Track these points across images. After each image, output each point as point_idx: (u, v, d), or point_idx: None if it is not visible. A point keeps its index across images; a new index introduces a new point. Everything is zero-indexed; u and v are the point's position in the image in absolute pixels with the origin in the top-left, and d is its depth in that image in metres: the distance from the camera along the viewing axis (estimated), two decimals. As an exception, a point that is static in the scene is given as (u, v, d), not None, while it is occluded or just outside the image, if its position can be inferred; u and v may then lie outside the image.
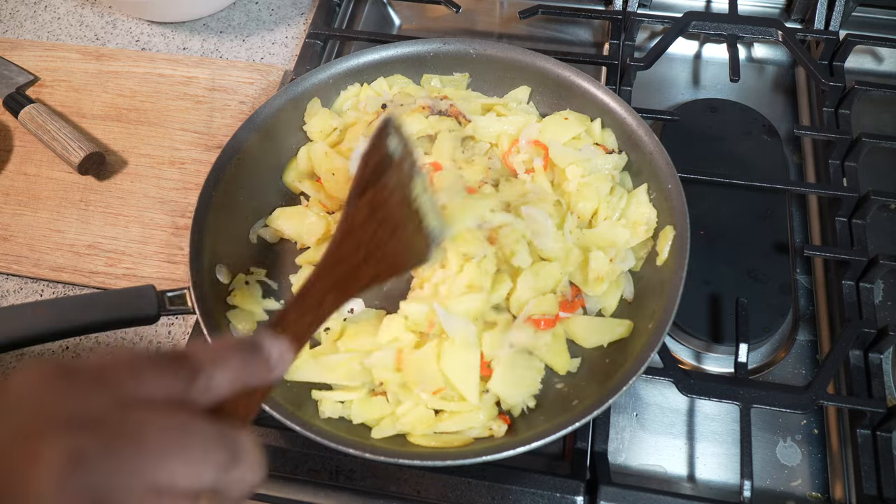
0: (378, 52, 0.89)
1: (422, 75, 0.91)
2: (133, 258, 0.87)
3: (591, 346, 0.74)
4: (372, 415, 0.69)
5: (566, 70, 0.85)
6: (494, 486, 0.67)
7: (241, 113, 0.98)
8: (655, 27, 1.08)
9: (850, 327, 0.75)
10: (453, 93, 0.88)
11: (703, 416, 0.77)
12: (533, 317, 0.73)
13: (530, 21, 1.06)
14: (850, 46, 0.97)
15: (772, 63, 1.05)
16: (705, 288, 0.82)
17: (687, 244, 0.71)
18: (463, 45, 0.88)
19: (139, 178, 0.94)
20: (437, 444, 0.68)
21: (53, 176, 0.95)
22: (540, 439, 0.62)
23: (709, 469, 0.74)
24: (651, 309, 0.71)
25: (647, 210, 0.77)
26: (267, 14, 1.13)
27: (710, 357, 0.80)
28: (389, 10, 1.15)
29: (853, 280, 0.80)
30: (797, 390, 0.72)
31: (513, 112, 0.85)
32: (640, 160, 0.80)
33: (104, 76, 1.03)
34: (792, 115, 1.00)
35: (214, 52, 1.09)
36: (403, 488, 0.68)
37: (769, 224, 0.87)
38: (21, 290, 0.87)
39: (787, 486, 0.73)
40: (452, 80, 0.90)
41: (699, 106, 0.98)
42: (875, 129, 0.94)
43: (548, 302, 0.74)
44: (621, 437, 0.76)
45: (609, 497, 0.67)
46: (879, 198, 0.82)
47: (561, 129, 0.83)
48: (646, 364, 0.65)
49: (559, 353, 0.73)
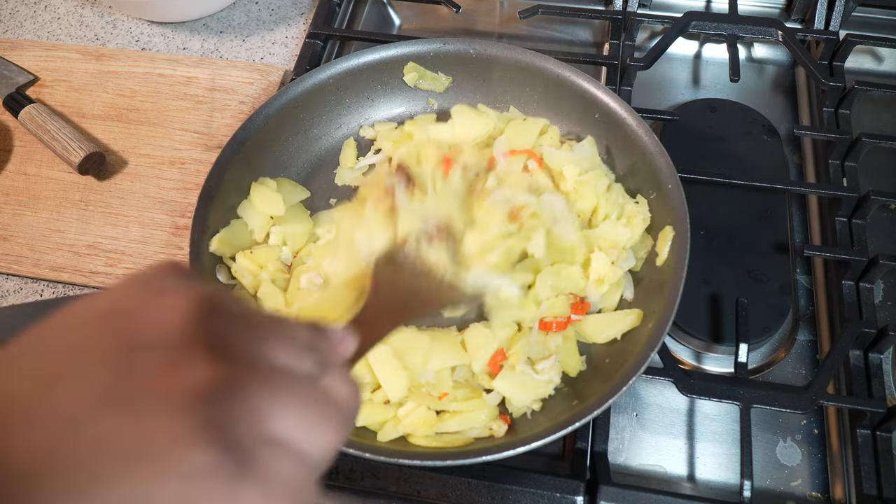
0: (378, 52, 0.89)
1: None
2: (133, 258, 0.87)
3: (605, 340, 0.73)
4: (374, 418, 0.69)
5: (566, 70, 0.85)
6: (494, 486, 0.67)
7: (241, 113, 0.98)
8: (655, 27, 1.08)
9: (850, 327, 0.75)
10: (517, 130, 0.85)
11: (703, 416, 0.77)
12: (545, 319, 0.73)
13: (530, 21, 1.06)
14: (850, 46, 0.97)
15: (772, 63, 1.05)
16: (705, 288, 0.82)
17: (687, 244, 0.71)
18: (463, 45, 0.88)
19: (139, 178, 0.94)
20: (437, 445, 0.68)
21: (53, 176, 0.95)
22: (540, 439, 0.62)
23: (709, 469, 0.74)
24: (651, 309, 0.71)
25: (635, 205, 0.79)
26: (267, 14, 1.13)
27: (710, 357, 0.80)
28: (389, 10, 1.15)
29: (853, 280, 0.80)
30: (797, 390, 0.72)
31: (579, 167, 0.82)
32: (640, 160, 0.80)
33: (104, 76, 1.03)
34: (792, 115, 1.00)
35: (214, 52, 1.09)
36: (403, 488, 0.68)
37: (769, 224, 0.87)
38: (21, 290, 0.87)
39: (787, 486, 0.73)
40: (435, 78, 0.90)
41: (699, 106, 0.98)
42: (875, 129, 0.94)
43: (561, 304, 0.74)
44: (621, 437, 0.76)
45: (609, 497, 0.67)
46: (879, 198, 0.82)
47: (524, 130, 0.84)
48: (646, 364, 0.65)
49: (571, 355, 0.73)
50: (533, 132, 0.84)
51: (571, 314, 0.74)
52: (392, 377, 0.69)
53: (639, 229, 0.77)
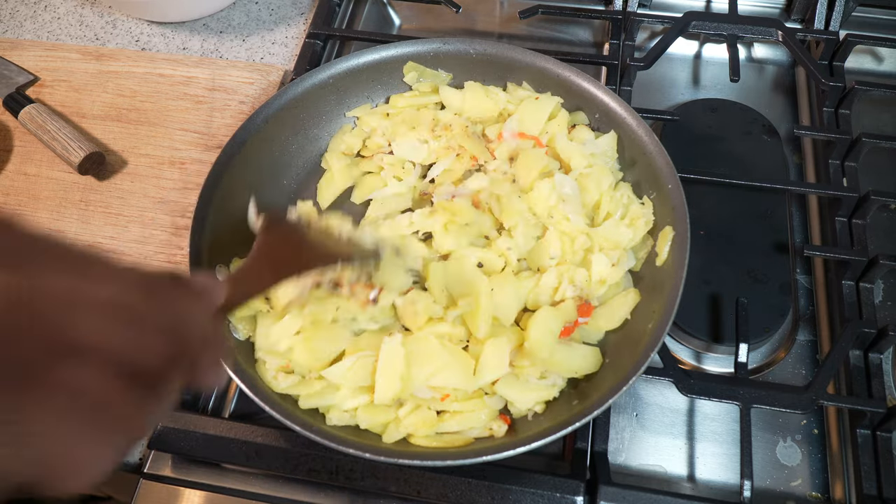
0: (378, 52, 0.89)
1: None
2: (133, 258, 0.87)
3: (615, 325, 0.74)
4: (376, 419, 0.69)
5: (566, 70, 0.85)
6: (494, 486, 0.67)
7: (241, 113, 0.98)
8: (655, 27, 1.08)
9: (850, 327, 0.75)
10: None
11: (703, 416, 0.77)
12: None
13: (530, 21, 1.06)
14: (850, 46, 0.97)
15: (772, 63, 1.05)
16: (705, 288, 0.82)
17: (687, 244, 0.71)
18: (463, 45, 0.88)
19: (139, 178, 0.94)
20: (437, 445, 0.68)
21: (53, 176, 0.95)
22: (540, 439, 0.62)
23: (709, 469, 0.74)
24: (651, 309, 0.71)
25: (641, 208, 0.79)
26: (267, 14, 1.13)
27: (710, 357, 0.80)
28: (389, 10, 1.15)
29: (853, 280, 0.80)
30: (797, 390, 0.72)
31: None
32: (640, 160, 0.80)
33: (104, 76, 1.03)
34: (792, 115, 1.00)
35: (214, 52, 1.09)
36: (403, 488, 0.68)
37: (769, 224, 0.87)
38: (21, 290, 0.87)
39: (787, 486, 0.73)
40: (435, 76, 0.91)
41: (699, 106, 0.98)
42: (875, 129, 0.94)
43: (568, 309, 0.73)
44: (621, 437, 0.76)
45: (609, 497, 0.67)
46: (879, 198, 0.82)
47: (536, 109, 0.84)
48: (646, 364, 0.65)
49: (582, 357, 0.73)
50: (544, 113, 0.84)
51: (579, 317, 0.74)
52: (387, 380, 0.68)
53: (641, 231, 0.77)
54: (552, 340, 0.70)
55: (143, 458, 0.75)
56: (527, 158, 0.81)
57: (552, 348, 0.70)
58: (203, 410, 0.77)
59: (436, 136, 0.86)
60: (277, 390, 0.70)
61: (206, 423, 0.71)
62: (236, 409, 0.78)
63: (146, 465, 0.73)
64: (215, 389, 0.79)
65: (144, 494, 0.72)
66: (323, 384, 0.70)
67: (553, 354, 0.70)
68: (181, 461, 0.73)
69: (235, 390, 0.79)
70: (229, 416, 0.78)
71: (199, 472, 0.73)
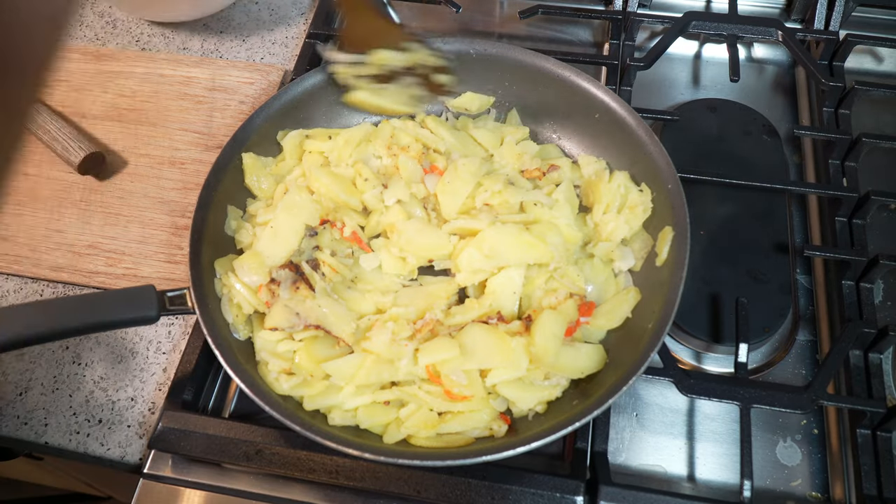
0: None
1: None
2: (133, 258, 0.87)
3: (616, 324, 0.74)
4: (377, 420, 0.69)
5: (566, 70, 0.85)
6: (494, 486, 0.67)
7: (241, 113, 0.98)
8: (655, 27, 1.08)
9: (850, 327, 0.75)
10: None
11: (703, 416, 0.77)
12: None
13: (530, 21, 1.06)
14: (850, 46, 0.97)
15: (772, 63, 1.05)
16: (705, 288, 0.82)
17: (687, 244, 0.71)
18: (463, 45, 0.88)
19: (139, 178, 0.94)
20: (438, 445, 0.68)
21: (53, 176, 0.95)
22: (540, 439, 0.62)
23: (709, 469, 0.74)
24: (651, 309, 0.71)
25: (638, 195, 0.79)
26: (267, 14, 1.13)
27: (710, 357, 0.80)
28: (389, 10, 1.15)
29: (853, 280, 0.80)
30: (797, 390, 0.72)
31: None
32: (640, 160, 0.80)
33: (104, 76, 1.03)
34: (792, 115, 1.00)
35: (214, 52, 1.09)
36: (403, 488, 0.68)
37: (769, 224, 0.87)
38: (21, 290, 0.87)
39: (787, 486, 0.73)
40: None
41: (699, 106, 0.98)
42: (875, 129, 0.94)
43: (569, 309, 0.74)
44: (621, 437, 0.76)
45: (609, 497, 0.67)
46: (879, 198, 0.82)
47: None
48: (646, 364, 0.65)
49: (587, 356, 0.73)
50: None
51: (580, 317, 0.74)
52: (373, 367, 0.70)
53: (639, 220, 0.77)
54: (557, 344, 0.70)
55: (143, 458, 0.75)
56: None
57: (557, 352, 0.70)
58: (203, 410, 0.77)
59: None
60: (280, 392, 0.70)
61: (206, 423, 0.71)
62: (236, 409, 0.78)
63: (146, 465, 0.73)
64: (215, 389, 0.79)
65: (144, 494, 0.72)
66: (325, 384, 0.70)
67: (559, 358, 0.70)
68: (181, 461, 0.73)
69: (235, 390, 0.80)
70: (229, 416, 0.78)
71: (199, 472, 0.73)
